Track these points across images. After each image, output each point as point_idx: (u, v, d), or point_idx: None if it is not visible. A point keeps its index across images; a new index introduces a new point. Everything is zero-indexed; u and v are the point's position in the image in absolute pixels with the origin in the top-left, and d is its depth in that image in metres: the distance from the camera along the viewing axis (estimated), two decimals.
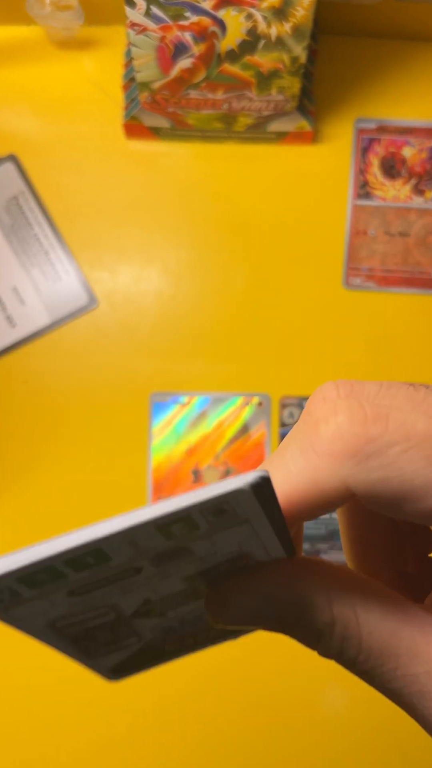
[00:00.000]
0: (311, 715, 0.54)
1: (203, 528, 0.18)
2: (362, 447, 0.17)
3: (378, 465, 0.17)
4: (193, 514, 0.17)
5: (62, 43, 0.57)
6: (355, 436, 0.17)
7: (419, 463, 0.17)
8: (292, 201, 0.56)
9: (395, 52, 0.57)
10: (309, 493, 0.18)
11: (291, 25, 0.44)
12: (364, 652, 0.18)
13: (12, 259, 0.55)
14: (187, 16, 0.43)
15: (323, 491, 0.18)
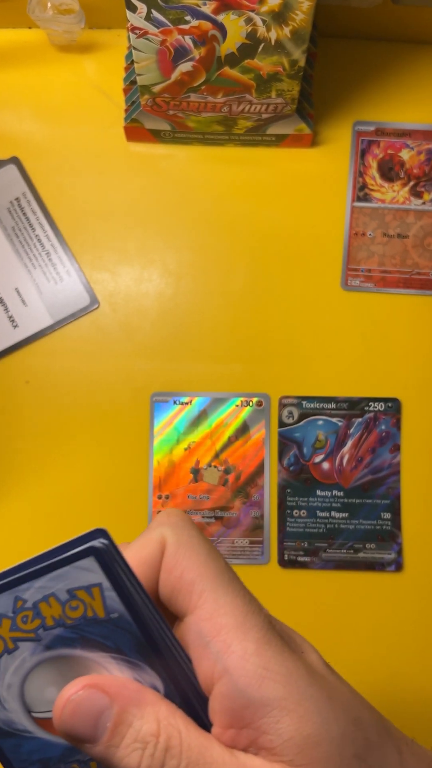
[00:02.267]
0: None
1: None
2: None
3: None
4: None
5: (64, 46, 0.57)
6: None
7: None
8: (291, 203, 0.57)
9: (394, 55, 0.58)
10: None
11: (290, 28, 0.44)
12: (184, 760, 0.21)
13: (14, 261, 0.56)
14: (187, 20, 0.44)
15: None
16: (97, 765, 0.25)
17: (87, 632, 0.23)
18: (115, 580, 0.23)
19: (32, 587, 0.23)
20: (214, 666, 0.22)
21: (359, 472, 0.54)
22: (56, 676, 0.24)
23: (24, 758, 0.24)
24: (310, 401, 0.55)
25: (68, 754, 0.24)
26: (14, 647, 0.23)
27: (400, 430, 0.55)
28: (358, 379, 0.55)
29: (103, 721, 0.22)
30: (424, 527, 0.54)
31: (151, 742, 0.21)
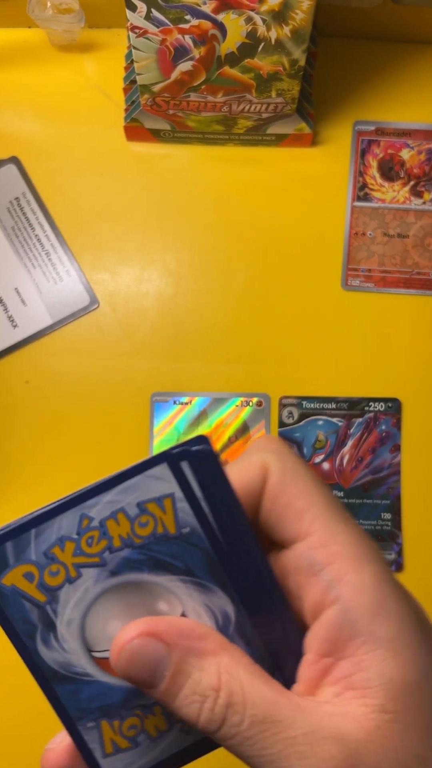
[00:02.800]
0: None
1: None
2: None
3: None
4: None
5: (63, 45, 0.57)
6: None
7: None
8: (291, 203, 0.57)
9: (394, 55, 0.58)
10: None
11: (290, 28, 0.44)
12: (248, 718, 0.20)
13: (14, 260, 0.56)
14: (187, 20, 0.44)
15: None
16: (162, 711, 0.23)
17: (156, 552, 0.22)
18: (188, 489, 0.22)
19: (100, 502, 0.22)
20: (325, 594, 0.21)
21: (359, 472, 0.54)
22: (121, 607, 0.22)
23: (82, 706, 0.23)
24: (310, 401, 0.55)
25: (130, 700, 0.23)
26: (77, 575, 0.22)
27: (401, 430, 0.55)
28: (359, 379, 0.55)
29: (160, 670, 0.21)
30: (425, 527, 0.54)
31: (211, 697, 0.20)
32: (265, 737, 0.20)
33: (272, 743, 0.20)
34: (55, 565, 0.22)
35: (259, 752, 0.20)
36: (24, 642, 0.22)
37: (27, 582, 0.22)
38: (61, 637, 0.22)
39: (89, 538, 0.22)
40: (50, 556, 0.22)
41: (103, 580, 0.22)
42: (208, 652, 0.21)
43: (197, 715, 0.21)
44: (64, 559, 0.22)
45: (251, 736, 0.20)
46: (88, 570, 0.22)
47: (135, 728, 0.23)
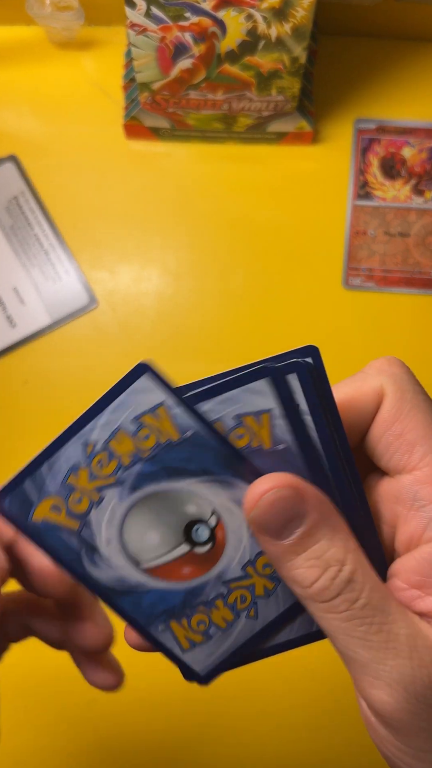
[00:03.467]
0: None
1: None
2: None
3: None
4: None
5: (62, 43, 0.57)
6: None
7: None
8: (291, 201, 0.56)
9: (395, 53, 0.57)
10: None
11: (291, 25, 0.44)
12: (364, 598, 0.20)
13: (12, 260, 0.55)
14: (187, 17, 0.43)
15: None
16: (224, 604, 0.24)
17: (167, 460, 0.23)
18: (176, 395, 0.23)
19: (96, 426, 0.22)
20: (424, 530, 0.21)
21: None
22: (152, 517, 0.23)
23: (148, 613, 0.24)
24: None
25: (191, 599, 0.24)
26: (100, 498, 0.23)
27: None
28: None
29: (293, 525, 0.21)
30: None
31: (335, 567, 0.20)
32: (373, 623, 0.20)
33: (377, 631, 0.20)
34: (76, 493, 0.23)
35: (363, 635, 0.20)
36: (75, 568, 0.23)
37: (56, 514, 0.23)
38: (105, 557, 0.23)
39: (98, 462, 0.23)
40: (68, 486, 0.23)
41: (126, 498, 0.23)
42: (340, 528, 0.21)
43: (313, 580, 0.21)
44: (81, 486, 0.23)
45: (362, 617, 0.20)
46: (109, 491, 0.23)
47: (203, 623, 0.24)
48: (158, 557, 0.23)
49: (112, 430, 0.22)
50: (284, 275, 0.56)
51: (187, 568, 0.24)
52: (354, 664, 0.21)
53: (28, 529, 0.23)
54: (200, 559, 0.24)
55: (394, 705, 0.20)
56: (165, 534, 0.23)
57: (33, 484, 0.23)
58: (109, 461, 0.22)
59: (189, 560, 0.24)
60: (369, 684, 0.20)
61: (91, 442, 0.22)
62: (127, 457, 0.23)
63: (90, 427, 0.22)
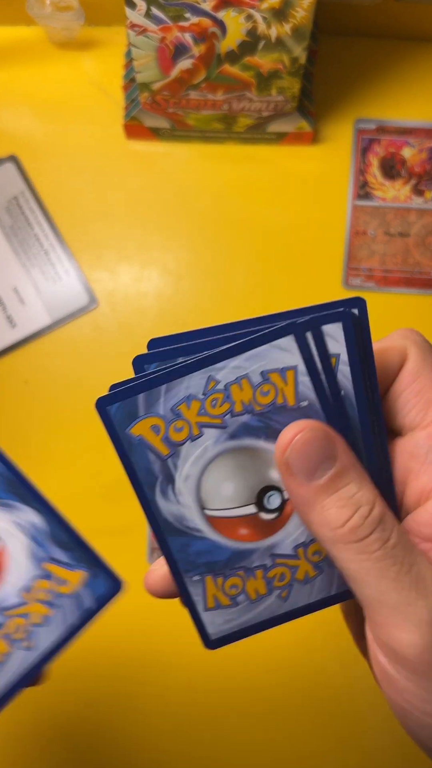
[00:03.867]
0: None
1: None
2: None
3: None
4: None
5: (62, 43, 0.57)
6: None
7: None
8: (291, 201, 0.56)
9: (395, 53, 0.57)
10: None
11: (291, 26, 0.44)
12: (395, 536, 0.21)
13: (12, 260, 0.55)
14: (187, 17, 0.43)
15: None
16: (263, 575, 0.24)
17: (274, 421, 0.23)
18: (311, 363, 0.22)
19: (227, 366, 0.22)
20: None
21: None
22: (235, 470, 0.23)
23: (191, 560, 0.24)
24: None
25: (235, 560, 0.24)
26: (199, 434, 0.23)
27: None
28: None
29: (325, 467, 0.21)
30: None
31: (366, 506, 0.21)
32: (404, 563, 0.21)
33: (407, 571, 0.20)
34: (181, 421, 0.23)
35: (395, 575, 0.20)
36: (145, 491, 0.23)
37: (153, 434, 0.23)
38: (178, 491, 0.23)
39: (213, 400, 0.23)
40: (176, 412, 0.23)
41: (222, 442, 0.23)
42: (366, 478, 0.22)
43: (346, 519, 0.21)
44: (188, 417, 0.23)
45: (394, 556, 0.21)
46: (210, 430, 0.23)
47: (236, 588, 0.24)
48: (224, 509, 0.24)
49: (239, 375, 0.22)
50: (284, 275, 0.56)
51: (245, 529, 0.24)
52: (381, 608, 0.21)
53: (121, 439, 0.23)
54: (261, 525, 0.24)
55: (422, 646, 0.20)
56: (240, 489, 0.24)
57: (146, 398, 0.23)
58: (223, 403, 0.23)
59: (250, 522, 0.24)
60: (397, 627, 0.20)
61: (216, 379, 0.22)
62: (240, 405, 0.23)
63: (221, 365, 0.22)
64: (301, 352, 0.22)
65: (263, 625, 0.25)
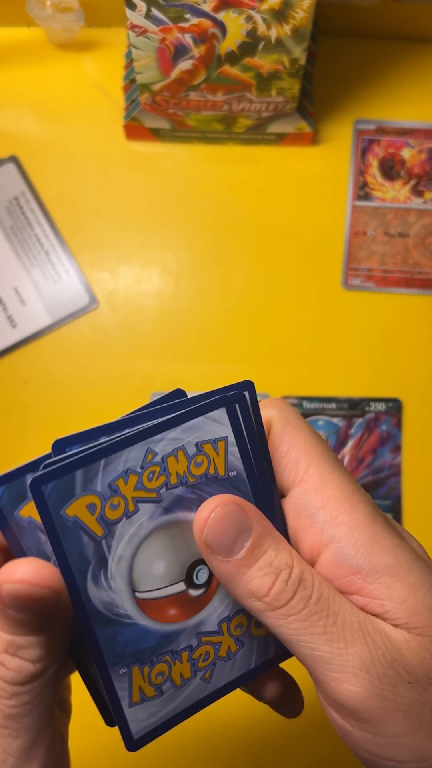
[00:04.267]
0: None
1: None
2: None
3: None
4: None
5: (63, 44, 0.57)
6: None
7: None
8: (291, 202, 0.56)
9: (394, 54, 0.58)
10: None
11: (291, 26, 0.44)
12: (317, 593, 0.22)
13: (13, 260, 0.55)
14: (187, 18, 0.43)
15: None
16: (188, 657, 0.24)
17: (205, 492, 0.23)
18: (239, 434, 0.23)
19: (165, 438, 0.22)
20: (321, 536, 0.23)
21: (360, 472, 0.54)
22: (167, 546, 0.23)
23: (119, 651, 0.23)
24: (310, 401, 0.54)
25: (163, 644, 0.24)
26: (134, 510, 0.22)
27: (402, 431, 0.54)
28: (359, 379, 0.55)
29: (242, 540, 0.22)
30: (426, 528, 0.54)
31: (286, 570, 0.22)
32: (329, 614, 0.21)
33: (334, 622, 0.21)
34: (117, 497, 0.22)
35: (323, 629, 0.21)
36: (76, 579, 0.22)
37: (89, 514, 0.22)
38: (110, 575, 0.22)
39: (151, 473, 0.22)
40: (114, 488, 0.22)
41: (156, 517, 0.23)
42: (281, 540, 0.23)
43: (269, 587, 0.22)
44: (125, 492, 0.22)
45: (319, 611, 0.21)
46: (145, 505, 0.22)
47: (162, 676, 0.24)
48: (155, 590, 0.23)
49: (176, 446, 0.23)
50: (284, 276, 0.56)
51: (173, 609, 0.24)
52: (318, 663, 0.21)
53: (54, 521, 0.21)
54: (189, 603, 0.24)
55: (362, 692, 0.20)
56: (171, 566, 0.23)
57: (84, 476, 0.22)
58: (160, 475, 0.22)
59: (179, 601, 0.24)
60: (335, 680, 0.21)
61: (154, 451, 0.22)
62: (175, 477, 0.23)
63: (160, 437, 0.22)
64: (231, 423, 0.23)
65: (186, 713, 0.24)
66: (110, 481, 0.22)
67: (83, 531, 0.22)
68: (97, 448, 0.22)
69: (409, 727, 0.20)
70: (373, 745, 0.21)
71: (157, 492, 0.23)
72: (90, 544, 0.22)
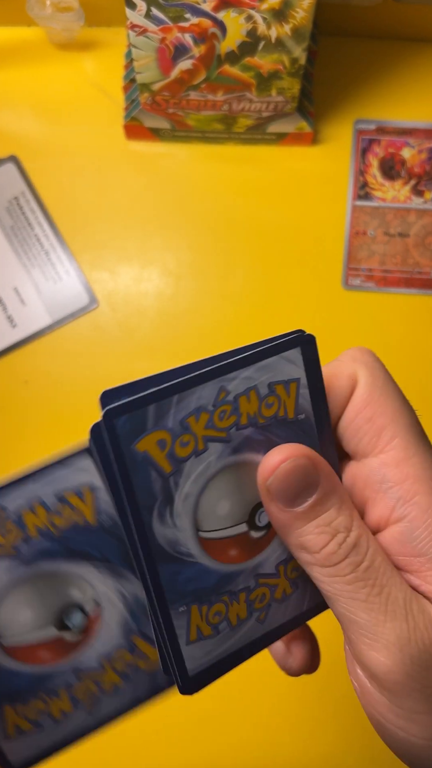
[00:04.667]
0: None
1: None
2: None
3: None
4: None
5: (63, 44, 0.57)
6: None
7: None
8: (291, 202, 0.56)
9: (394, 53, 0.58)
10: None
11: (291, 26, 0.44)
12: (368, 561, 0.21)
13: (13, 260, 0.55)
14: (187, 18, 0.43)
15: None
16: (246, 598, 0.24)
17: (274, 435, 0.23)
18: (312, 376, 0.23)
19: (239, 377, 0.22)
20: (392, 511, 0.22)
21: None
22: (233, 487, 0.23)
23: (179, 588, 0.23)
24: None
25: (222, 584, 0.23)
26: (204, 448, 0.22)
27: None
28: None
29: (307, 494, 0.22)
30: None
31: (343, 533, 0.21)
32: (375, 584, 0.21)
33: (378, 593, 0.21)
34: (188, 435, 0.22)
35: (365, 597, 0.21)
36: (142, 515, 0.21)
37: (159, 450, 0.21)
38: (176, 513, 0.22)
39: (222, 412, 0.22)
40: (185, 426, 0.21)
41: (225, 457, 0.22)
42: (347, 501, 0.22)
43: (322, 545, 0.21)
44: (196, 430, 0.22)
45: (365, 579, 0.21)
46: (215, 444, 0.22)
47: (219, 615, 0.23)
48: (218, 530, 0.23)
49: (249, 386, 0.22)
50: (284, 275, 0.56)
51: (234, 550, 0.23)
52: (353, 626, 0.21)
53: (125, 455, 0.21)
54: (249, 544, 0.24)
55: (390, 666, 0.20)
56: (235, 507, 0.23)
57: (156, 410, 0.21)
58: (231, 415, 0.22)
59: (240, 542, 0.23)
60: (367, 646, 0.21)
61: (227, 389, 0.22)
62: (245, 417, 0.22)
63: (233, 375, 0.22)
64: (305, 364, 0.23)
65: (240, 654, 0.24)
66: (182, 418, 0.21)
67: (152, 467, 0.21)
68: (172, 383, 0.21)
69: (428, 707, 0.20)
70: (388, 710, 0.21)
71: (227, 432, 0.22)
72: (158, 480, 0.21)
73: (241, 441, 0.22)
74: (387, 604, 0.21)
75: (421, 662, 0.20)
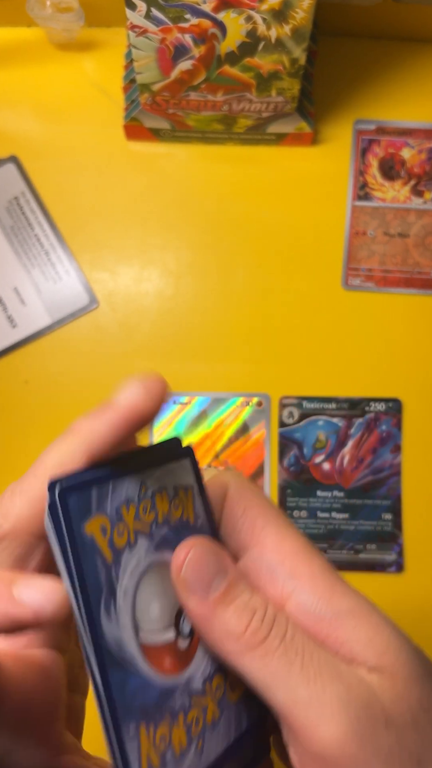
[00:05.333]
0: None
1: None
2: None
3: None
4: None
5: (63, 44, 0.57)
6: None
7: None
8: (291, 202, 0.56)
9: (394, 54, 0.58)
10: None
11: (290, 27, 0.44)
12: (290, 630, 0.22)
13: (13, 260, 0.55)
14: (187, 18, 0.43)
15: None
16: (183, 721, 0.22)
17: (183, 537, 0.23)
18: (200, 484, 0.24)
19: (153, 476, 0.23)
20: (282, 589, 0.23)
21: (360, 472, 0.54)
22: (161, 589, 0.22)
23: (127, 702, 0.20)
24: (310, 401, 0.54)
25: (162, 700, 0.21)
26: (134, 541, 0.22)
27: (401, 431, 0.54)
28: (359, 379, 0.55)
29: (218, 581, 0.22)
30: (425, 528, 0.54)
31: (261, 609, 0.22)
32: (305, 652, 0.21)
33: (309, 661, 0.21)
34: (122, 525, 0.21)
35: (300, 669, 0.21)
36: (92, 606, 0.20)
37: (102, 536, 0.20)
38: (119, 608, 0.21)
39: (144, 506, 0.22)
40: (119, 514, 0.21)
41: (151, 553, 0.22)
42: (252, 584, 0.23)
43: (247, 623, 0.22)
44: (128, 521, 0.21)
45: (294, 648, 0.21)
46: (142, 539, 0.22)
47: (164, 740, 0.21)
48: (153, 632, 0.22)
49: (160, 486, 0.23)
50: (284, 275, 0.56)
51: (168, 659, 0.22)
52: (296, 708, 0.21)
53: (77, 539, 0.20)
54: (179, 654, 0.22)
55: (341, 736, 0.20)
56: (163, 610, 0.22)
57: (98, 494, 0.20)
58: (150, 511, 0.22)
59: (171, 650, 0.22)
60: (313, 724, 0.20)
61: (146, 485, 0.22)
62: (161, 516, 0.23)
63: (149, 473, 0.23)
64: (194, 473, 0.24)
65: None
66: (117, 506, 0.21)
67: (97, 554, 0.20)
68: (108, 470, 0.21)
69: None
70: None
71: (150, 527, 0.22)
72: (102, 569, 0.20)
73: (160, 539, 0.23)
74: (321, 668, 0.21)
75: (367, 721, 0.20)
